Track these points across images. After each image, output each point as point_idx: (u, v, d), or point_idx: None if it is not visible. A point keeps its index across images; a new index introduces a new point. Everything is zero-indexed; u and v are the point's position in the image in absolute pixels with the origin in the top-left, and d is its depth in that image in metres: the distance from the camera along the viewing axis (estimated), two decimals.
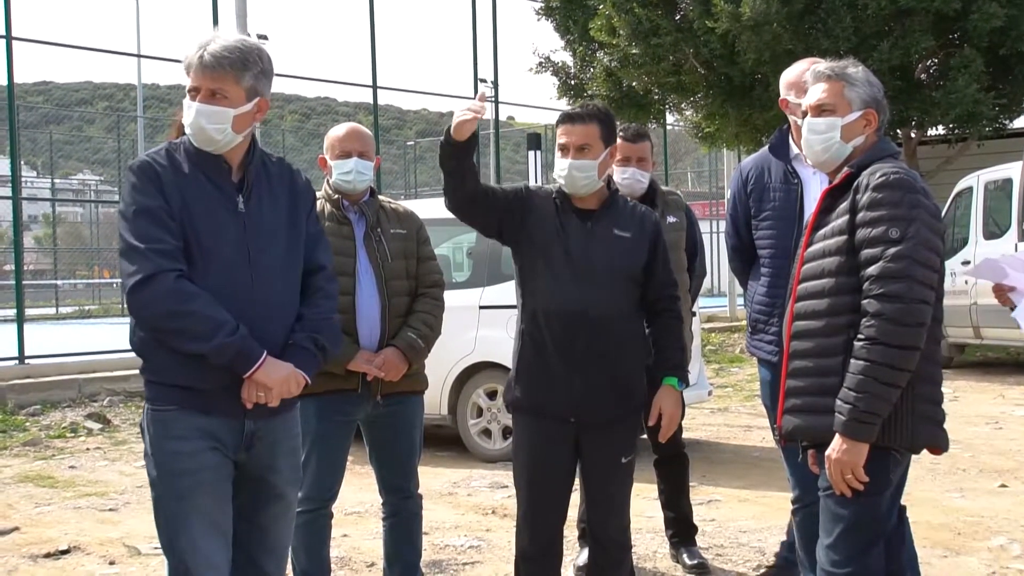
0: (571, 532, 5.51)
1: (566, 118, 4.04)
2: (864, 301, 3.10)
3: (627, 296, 4.01)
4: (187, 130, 3.27)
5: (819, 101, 3.41)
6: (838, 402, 3.12)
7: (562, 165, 3.97)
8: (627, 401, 4.02)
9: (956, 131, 16.14)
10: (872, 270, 3.09)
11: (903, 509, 3.45)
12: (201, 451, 3.23)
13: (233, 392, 3.22)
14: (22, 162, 25.16)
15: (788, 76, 4.52)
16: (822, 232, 3.31)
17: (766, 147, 4.61)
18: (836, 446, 3.13)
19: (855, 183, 3.24)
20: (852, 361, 3.10)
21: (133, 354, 3.32)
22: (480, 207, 4.02)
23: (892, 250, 3.07)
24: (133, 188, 3.18)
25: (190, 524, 3.21)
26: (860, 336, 3.09)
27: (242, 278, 3.23)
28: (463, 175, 3.90)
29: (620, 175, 5.16)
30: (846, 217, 3.21)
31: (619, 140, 5.25)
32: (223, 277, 3.20)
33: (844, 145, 3.38)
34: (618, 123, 4.24)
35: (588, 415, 3.96)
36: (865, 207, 3.16)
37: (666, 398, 4.01)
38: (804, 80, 3.61)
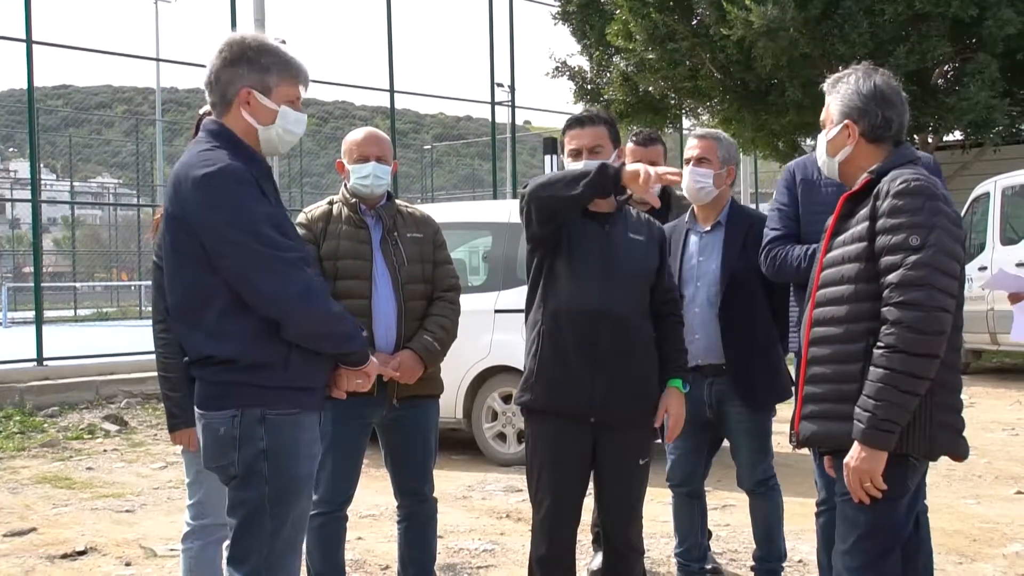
0: (585, 536, 5.52)
1: (575, 122, 4.14)
2: (884, 308, 3.09)
3: (642, 298, 4.08)
4: (288, 139, 3.32)
5: (821, 119, 3.49)
6: (857, 409, 3.11)
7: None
8: (644, 401, 4.06)
9: (971, 137, 16.10)
10: (892, 277, 3.08)
11: (919, 515, 3.45)
12: (319, 452, 3.36)
13: (325, 387, 3.36)
14: (41, 165, 25.29)
15: None
16: (841, 238, 3.31)
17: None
18: (854, 454, 3.12)
19: (875, 189, 3.24)
20: (872, 369, 3.09)
21: (150, 357, 3.28)
22: (557, 223, 4.02)
23: (912, 258, 3.06)
24: (243, 196, 3.08)
25: (300, 531, 3.28)
26: (880, 344, 3.08)
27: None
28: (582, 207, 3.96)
29: None
30: (866, 223, 3.20)
31: (631, 144, 5.28)
32: None
33: (831, 159, 3.42)
34: (632, 128, 4.27)
35: (608, 415, 3.98)
36: (885, 214, 3.14)
37: (672, 399, 4.10)
38: None
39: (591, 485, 4.17)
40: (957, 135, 16.90)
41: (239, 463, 3.14)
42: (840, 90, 3.39)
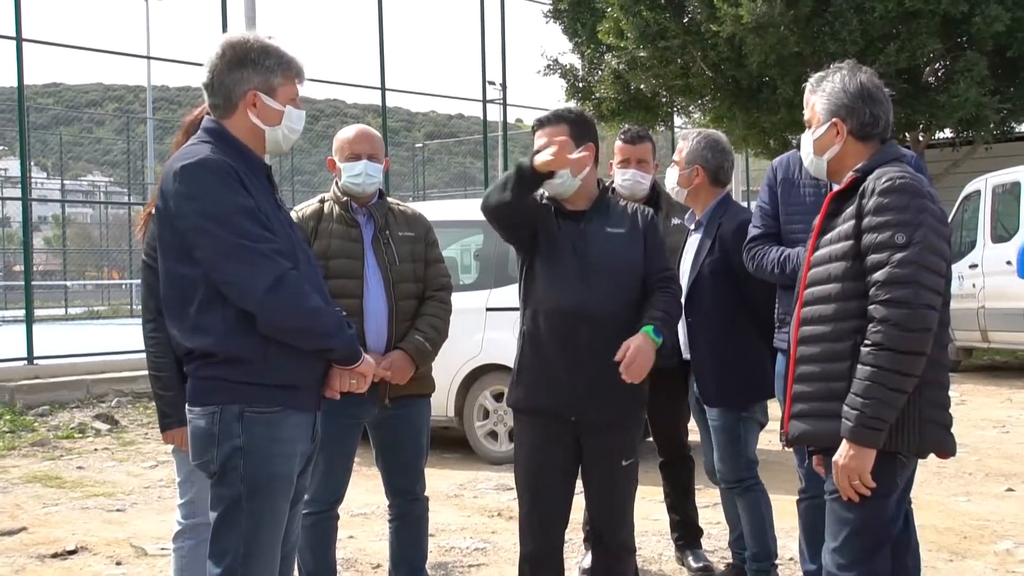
0: (576, 535, 5.52)
1: (536, 124, 4.16)
2: (870, 306, 3.09)
3: (625, 294, 4.03)
4: (292, 137, 3.34)
5: (805, 117, 3.49)
6: (845, 408, 3.12)
7: None
8: (627, 401, 4.02)
9: (962, 134, 16.12)
10: (878, 275, 3.09)
11: (909, 513, 3.46)
12: (301, 452, 3.29)
13: (319, 387, 3.30)
14: (32, 163, 25.22)
15: None
16: (828, 237, 3.31)
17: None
18: (843, 452, 3.13)
19: (861, 187, 3.24)
20: (859, 367, 3.09)
21: (141, 355, 3.24)
22: (525, 225, 4.07)
23: (898, 255, 3.06)
24: (219, 186, 3.08)
25: (276, 531, 3.22)
26: (867, 342, 3.08)
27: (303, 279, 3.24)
28: (527, 201, 3.95)
29: (621, 177, 5.22)
30: (852, 222, 3.20)
31: (619, 142, 5.32)
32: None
33: (819, 159, 3.42)
34: (622, 126, 4.28)
35: (588, 414, 3.98)
36: (871, 212, 3.15)
37: (637, 338, 3.89)
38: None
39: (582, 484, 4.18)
40: (948, 133, 16.93)
41: (216, 459, 3.14)
42: (825, 88, 3.39)
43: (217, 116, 3.28)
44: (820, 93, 3.40)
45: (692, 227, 4.99)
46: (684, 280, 4.84)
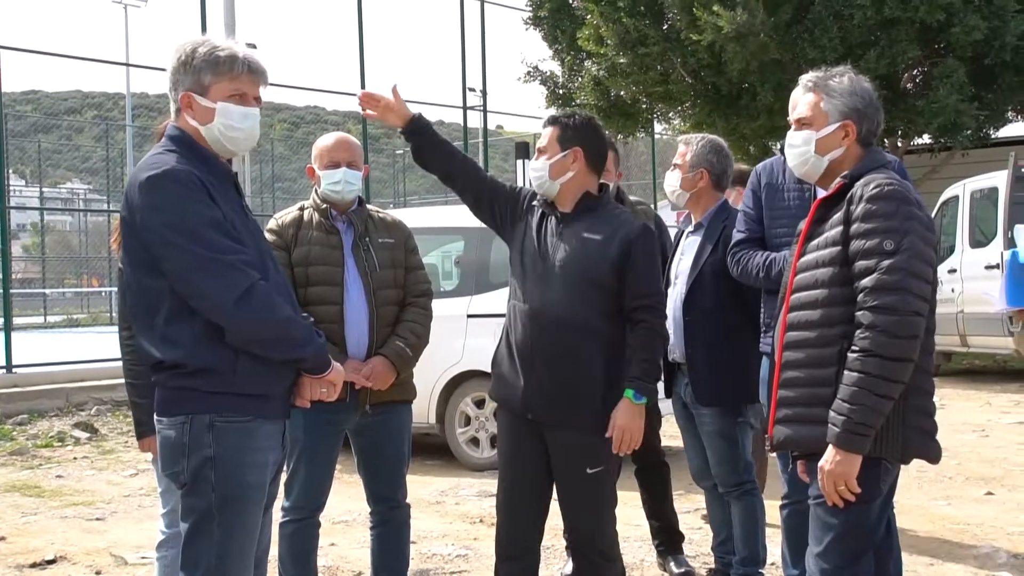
0: (559, 540, 5.52)
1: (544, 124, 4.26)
2: (858, 313, 3.10)
3: (587, 300, 3.97)
4: (234, 135, 3.25)
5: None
6: (832, 413, 3.12)
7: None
8: (580, 407, 3.97)
9: (940, 140, 16.19)
10: (866, 282, 3.09)
11: (891, 518, 3.47)
12: (273, 461, 3.28)
13: (287, 395, 3.28)
14: (10, 171, 25.05)
15: None
16: (815, 242, 3.31)
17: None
18: (829, 457, 3.13)
19: (848, 194, 3.24)
20: (846, 373, 3.10)
21: (120, 363, 3.22)
22: (460, 185, 4.27)
23: (886, 262, 3.07)
24: (186, 198, 3.05)
25: (249, 540, 3.20)
26: (854, 348, 3.09)
27: (272, 289, 3.22)
28: (430, 159, 4.26)
29: None
30: (840, 228, 3.20)
31: None
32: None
33: (820, 158, 3.39)
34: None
35: (539, 412, 4.00)
36: (859, 218, 3.15)
37: (620, 410, 3.94)
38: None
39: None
40: (926, 139, 17.01)
41: (187, 470, 3.12)
42: (836, 88, 3.36)
43: (175, 121, 3.29)
44: (828, 92, 3.36)
45: (691, 229, 5.02)
46: (683, 280, 4.87)
